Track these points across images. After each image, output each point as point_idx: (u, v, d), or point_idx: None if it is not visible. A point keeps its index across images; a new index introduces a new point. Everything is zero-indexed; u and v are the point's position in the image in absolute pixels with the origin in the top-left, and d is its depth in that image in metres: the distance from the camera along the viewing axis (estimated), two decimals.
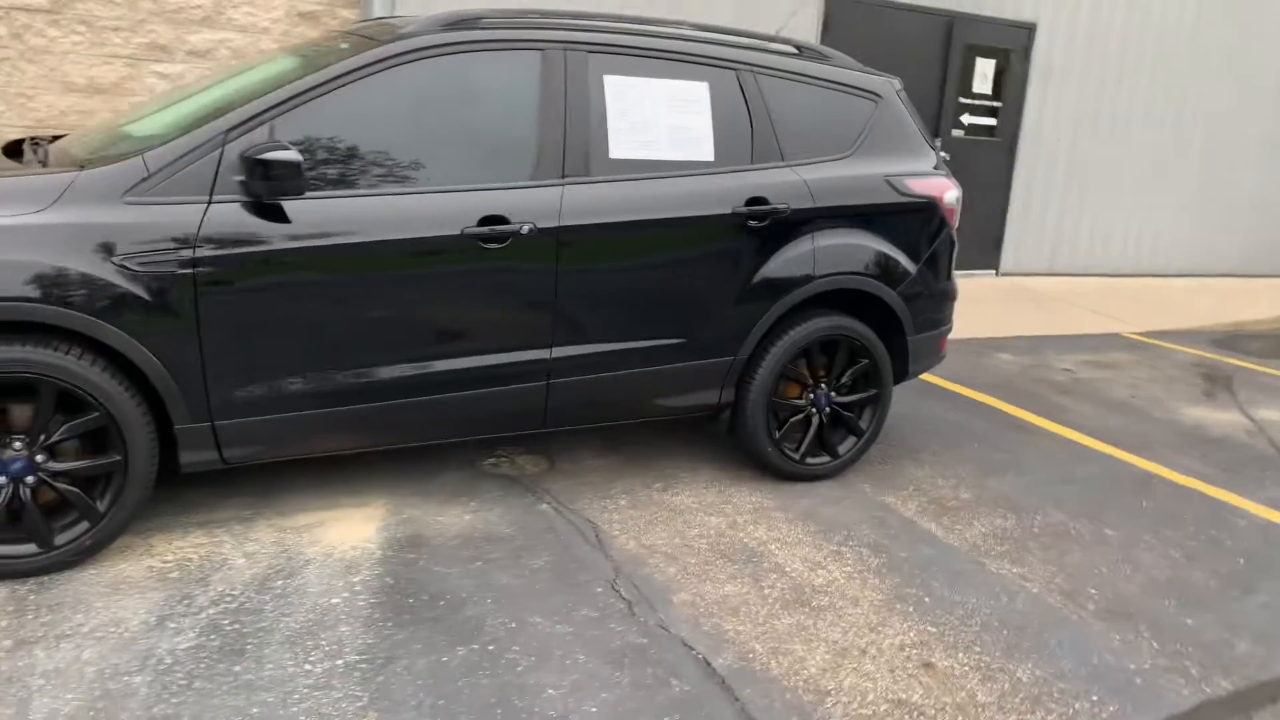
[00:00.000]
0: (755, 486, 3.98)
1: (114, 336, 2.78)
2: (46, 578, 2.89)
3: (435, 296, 3.22)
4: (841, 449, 4.11)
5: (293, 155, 2.83)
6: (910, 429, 4.86)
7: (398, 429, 3.34)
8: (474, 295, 3.27)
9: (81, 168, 2.87)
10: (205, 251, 2.87)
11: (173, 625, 2.71)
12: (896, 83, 4.19)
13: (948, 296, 4.29)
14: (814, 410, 4.01)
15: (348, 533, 3.31)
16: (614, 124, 3.48)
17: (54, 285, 2.70)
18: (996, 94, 9.22)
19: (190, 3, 5.93)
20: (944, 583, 3.33)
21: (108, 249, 2.77)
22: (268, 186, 2.87)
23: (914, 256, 4.06)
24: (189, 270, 2.86)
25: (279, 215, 2.97)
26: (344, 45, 3.36)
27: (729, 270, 3.68)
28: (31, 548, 2.86)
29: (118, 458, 2.89)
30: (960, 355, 6.49)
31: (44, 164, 3.06)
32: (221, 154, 2.92)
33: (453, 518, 3.49)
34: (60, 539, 2.89)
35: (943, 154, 4.31)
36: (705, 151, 3.65)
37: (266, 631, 2.71)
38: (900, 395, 5.35)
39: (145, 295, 2.81)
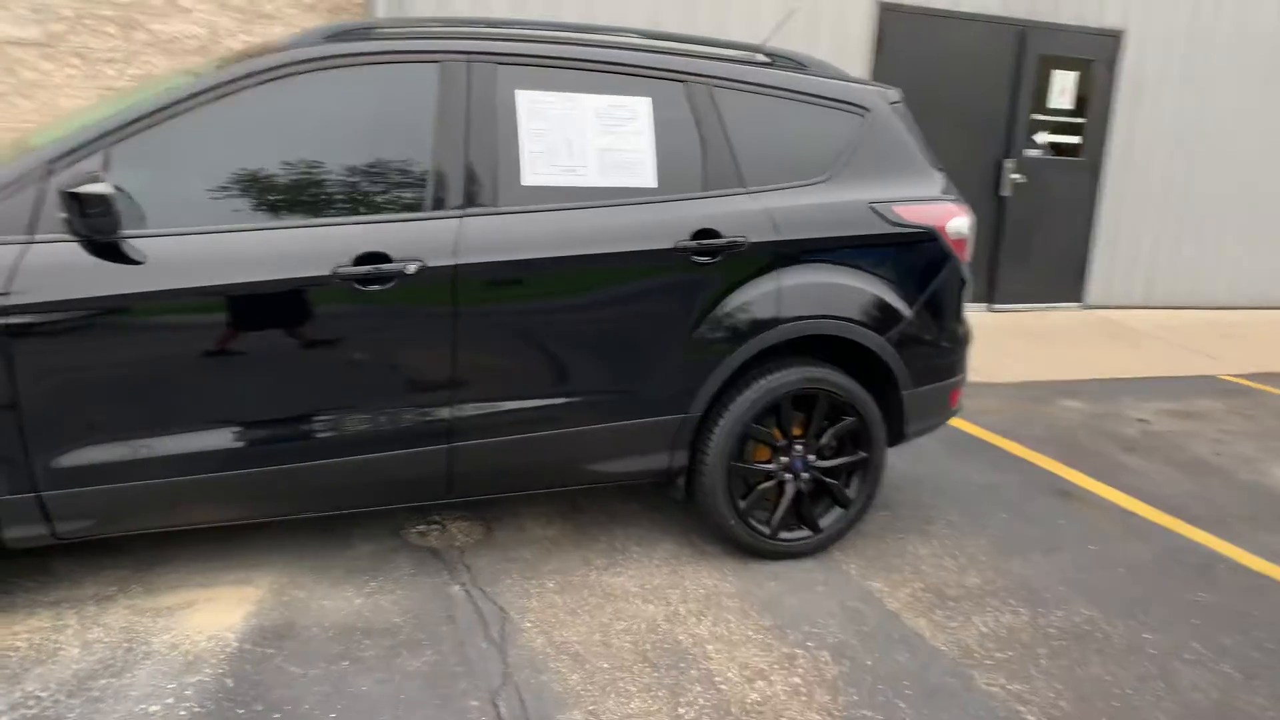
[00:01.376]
0: (717, 566, 3.40)
1: None
2: None
3: (303, 347, 2.78)
4: (824, 522, 3.49)
5: (103, 188, 2.44)
6: (927, 493, 4.18)
7: (266, 500, 2.90)
8: (352, 345, 2.82)
9: None
10: (19, 299, 2.50)
11: None
12: (892, 94, 3.57)
13: (956, 341, 3.63)
14: (788, 477, 3.41)
15: (211, 619, 2.88)
16: (528, 146, 2.99)
17: None
18: (1079, 109, 8.37)
19: (186, 32, 5.74)
20: (913, 703, 2.68)
21: None
22: (84, 224, 2.49)
23: (908, 296, 3.43)
24: (1, 320, 2.49)
25: (114, 255, 2.59)
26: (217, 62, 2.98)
27: (673, 314, 3.13)
28: None
29: None
30: (1015, 401, 5.73)
31: None
32: (45, 187, 2.56)
33: (341, 601, 3.02)
34: None
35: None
36: (644, 177, 3.12)
37: None
38: (924, 450, 4.67)
39: None
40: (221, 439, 2.75)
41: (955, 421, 5.21)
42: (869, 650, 2.93)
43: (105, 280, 2.57)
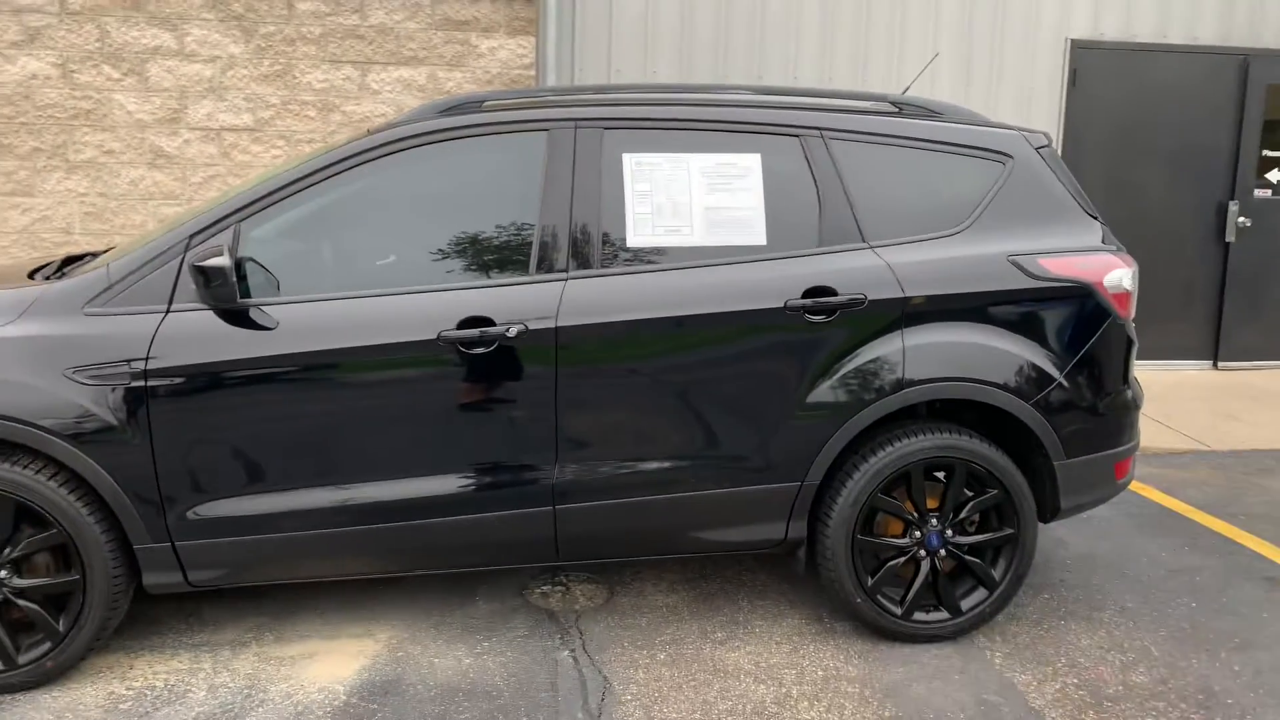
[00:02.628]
0: (843, 646, 3.17)
1: (63, 451, 2.69)
2: (8, 699, 2.81)
3: (410, 409, 2.86)
4: (965, 604, 3.19)
5: (221, 262, 2.63)
6: (1101, 574, 3.74)
7: (382, 556, 2.99)
8: (458, 407, 2.87)
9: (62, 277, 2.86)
10: (157, 363, 2.73)
11: None
12: (1038, 137, 3.29)
13: (1121, 407, 3.25)
14: (922, 554, 3.14)
15: (327, 670, 2.98)
16: (634, 207, 2.97)
17: (4, 399, 2.66)
18: None
19: (375, 112, 6.20)
20: None
21: (61, 362, 2.70)
22: (209, 294, 2.69)
23: (1058, 357, 3.11)
24: (140, 383, 2.72)
25: (244, 322, 2.78)
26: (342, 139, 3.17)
27: (785, 376, 2.99)
28: None
29: (76, 577, 2.78)
30: (1230, 472, 5.08)
31: (57, 276, 3.09)
32: (183, 260, 2.79)
33: (452, 660, 3.05)
34: (24, 658, 2.81)
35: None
36: (753, 235, 3.02)
37: None
38: (1108, 525, 4.20)
39: (96, 409, 2.70)
40: (338, 496, 2.87)
41: (1150, 493, 4.67)
42: None
43: (233, 345, 2.76)
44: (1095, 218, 3.26)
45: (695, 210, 3.00)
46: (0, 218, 5.89)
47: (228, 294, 2.67)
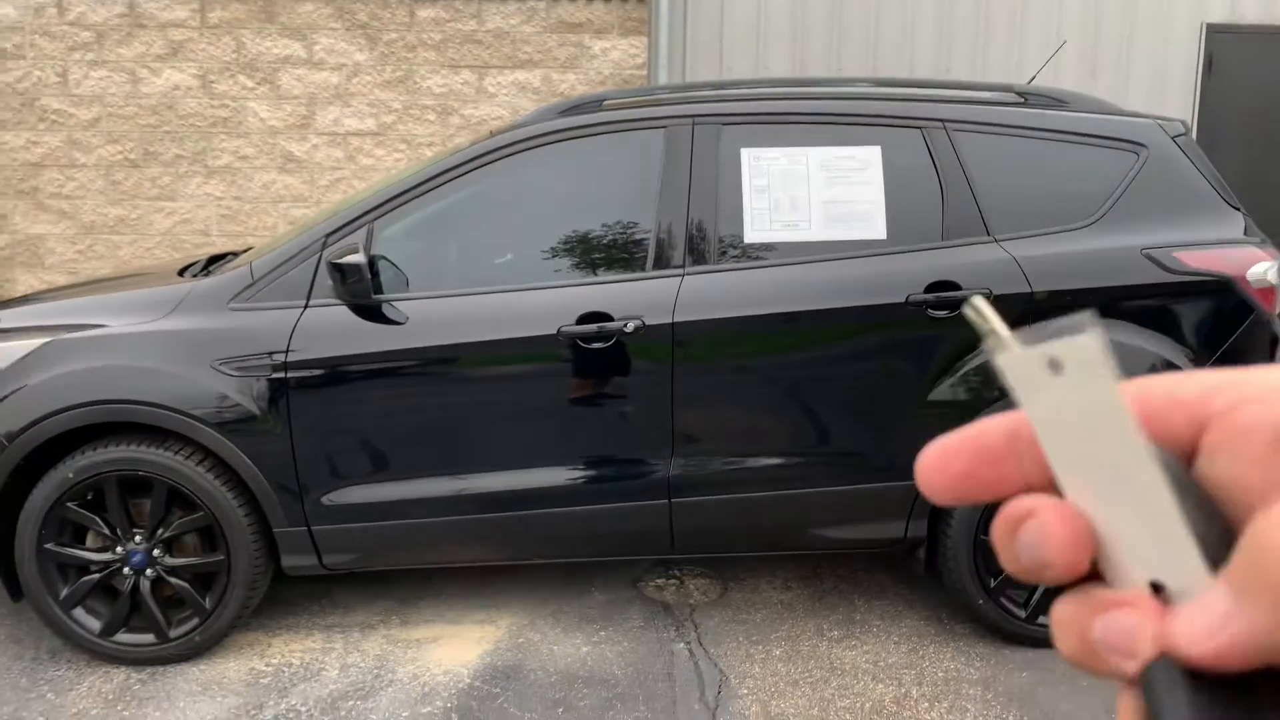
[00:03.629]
0: (964, 649, 3.11)
1: (209, 438, 2.86)
2: (161, 669, 3.00)
3: (531, 402, 2.94)
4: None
5: (356, 259, 2.75)
6: None
7: (502, 544, 3.08)
8: (575, 401, 2.93)
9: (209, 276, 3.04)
10: (296, 356, 2.87)
11: None
12: (1175, 125, 3.16)
13: None
14: None
15: (451, 654, 3.08)
16: (751, 202, 2.98)
17: (159, 388, 2.84)
18: None
19: (491, 114, 6.36)
20: None
21: (210, 354, 2.87)
22: (345, 290, 2.81)
23: (1196, 356, 2.98)
24: (280, 374, 2.86)
25: (377, 317, 2.90)
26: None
27: (906, 373, 2.95)
28: (150, 638, 2.98)
29: (221, 557, 2.95)
30: None
31: (204, 274, 3.29)
32: (320, 258, 2.93)
33: (570, 648, 3.11)
34: (175, 632, 2.99)
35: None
36: (873, 229, 2.99)
37: None
38: None
39: (241, 398, 2.86)
40: (461, 485, 2.96)
41: None
42: None
43: (366, 339, 2.88)
44: (1237, 209, 3.11)
45: (813, 204, 2.99)
46: (146, 221, 6.27)
47: (362, 290, 2.79)
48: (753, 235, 2.97)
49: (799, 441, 2.98)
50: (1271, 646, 0.27)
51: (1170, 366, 2.96)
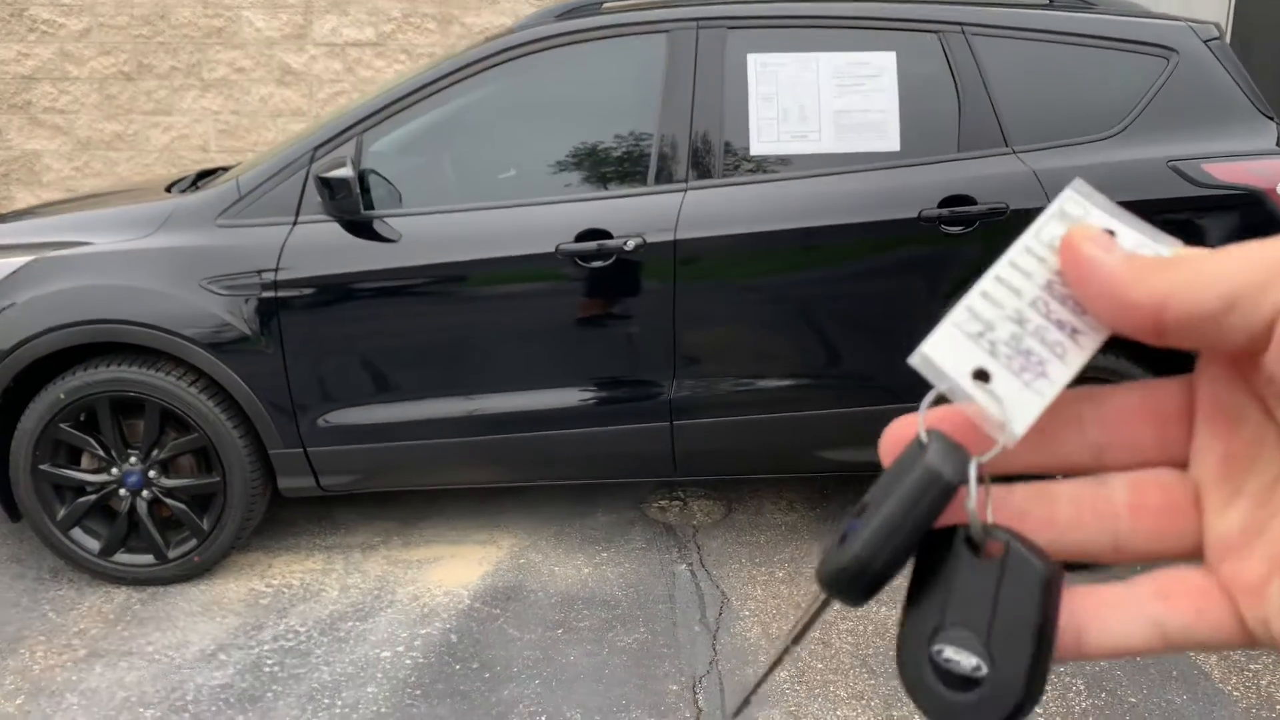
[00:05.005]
0: None
1: (200, 359, 2.80)
2: (162, 589, 3.00)
3: (529, 322, 2.86)
4: None
5: (344, 173, 2.64)
6: None
7: (502, 466, 3.03)
8: (575, 321, 2.85)
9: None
10: (286, 274, 2.78)
11: (222, 658, 2.65)
12: (1208, 29, 2.98)
13: None
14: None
15: (452, 574, 3.06)
16: (758, 112, 2.84)
17: (148, 308, 2.77)
18: None
19: (494, 23, 6.13)
20: None
21: (197, 272, 2.79)
22: (334, 205, 2.71)
23: None
24: (270, 294, 2.78)
25: (368, 234, 2.80)
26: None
27: (918, 292, 2.85)
28: (149, 558, 2.97)
29: (217, 478, 2.91)
30: None
31: (192, 190, 3.18)
32: (307, 173, 2.82)
33: (571, 569, 3.09)
34: (174, 553, 2.98)
35: None
36: (886, 140, 2.85)
37: (297, 680, 2.55)
38: None
39: (231, 318, 2.78)
40: (459, 406, 2.90)
41: None
42: (1137, 686, 2.50)
43: (358, 256, 2.79)
44: (1271, 118, 2.95)
45: (824, 114, 2.85)
46: (144, 137, 6.13)
47: (351, 205, 2.69)
48: (760, 147, 2.84)
49: (804, 363, 2.90)
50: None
51: None
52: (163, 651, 2.67)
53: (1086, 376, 0.33)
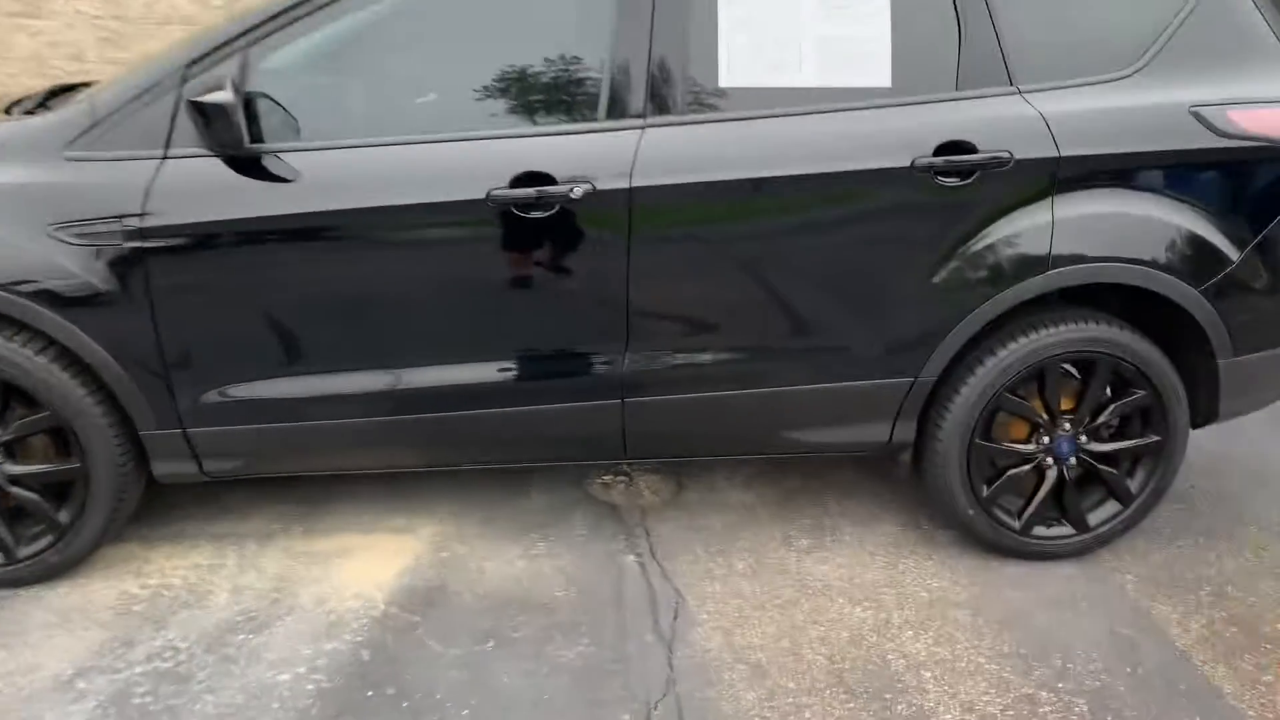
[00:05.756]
0: (948, 562, 2.77)
1: (49, 323, 2.29)
2: (10, 594, 2.52)
3: (455, 283, 2.41)
4: (1093, 519, 2.75)
5: (222, 97, 2.13)
6: (1242, 482, 3.27)
7: (423, 449, 2.61)
8: (511, 282, 2.41)
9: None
10: (155, 220, 2.27)
11: (81, 685, 2.20)
12: None
13: None
14: (1049, 462, 2.69)
15: (363, 571, 2.64)
16: (728, 39, 2.39)
17: None
18: None
19: None
20: None
21: (43, 216, 2.26)
22: (211, 137, 2.20)
23: (1239, 234, 2.55)
24: (136, 244, 2.27)
25: (251, 172, 2.30)
26: None
27: (906, 252, 2.48)
28: None
29: (76, 464, 2.43)
30: None
31: (40, 111, 2.61)
32: (179, 95, 2.29)
33: (503, 564, 2.70)
34: (24, 550, 2.50)
35: None
36: (876, 74, 2.44)
37: (173, 714, 2.12)
38: (1241, 424, 3.69)
39: (86, 274, 2.27)
40: (371, 381, 2.46)
41: None
42: (1143, 706, 2.23)
43: (244, 200, 2.29)
44: None
45: (805, 43, 2.41)
46: (6, 42, 5.36)
47: (232, 137, 2.18)
48: (730, 79, 2.40)
49: (777, 332, 2.52)
50: None
51: (1210, 248, 2.52)
52: (6, 678, 2.21)
53: None
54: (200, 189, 2.28)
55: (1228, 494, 3.19)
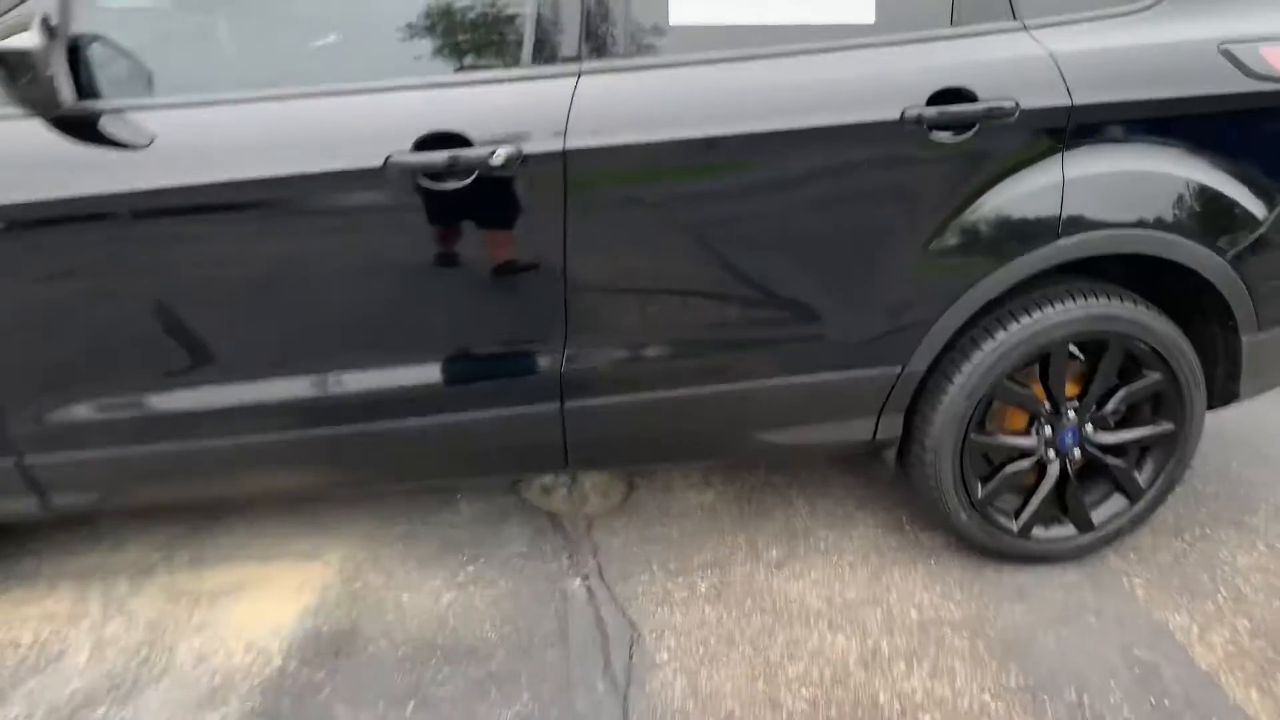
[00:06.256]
0: (937, 572, 2.44)
1: None
2: None
3: (351, 272, 1.95)
4: (1098, 517, 2.44)
5: (27, 42, 1.63)
6: (1240, 457, 2.99)
7: (321, 471, 2.17)
8: (417, 269, 1.96)
9: None
10: None
11: None
12: None
13: None
14: (1052, 455, 2.36)
15: (258, 613, 2.22)
16: None
17: None
18: None
19: None
20: None
21: None
22: (17, 93, 1.71)
23: (1268, 191, 2.20)
24: None
25: (85, 136, 1.81)
26: None
27: (892, 222, 2.08)
28: None
29: None
30: None
31: None
32: None
33: (425, 598, 2.30)
34: None
35: None
36: (856, 8, 2.02)
37: None
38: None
39: None
40: (247, 393, 2.00)
41: None
42: None
43: (74, 173, 1.81)
44: None
45: None
46: None
47: (42, 94, 1.68)
48: (683, 13, 1.96)
49: (742, 319, 2.12)
50: None
51: (1237, 209, 2.18)
52: None
53: None
54: (17, 158, 1.79)
55: (1228, 473, 2.91)
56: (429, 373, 2.05)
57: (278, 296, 1.95)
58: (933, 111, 2.00)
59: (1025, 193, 2.08)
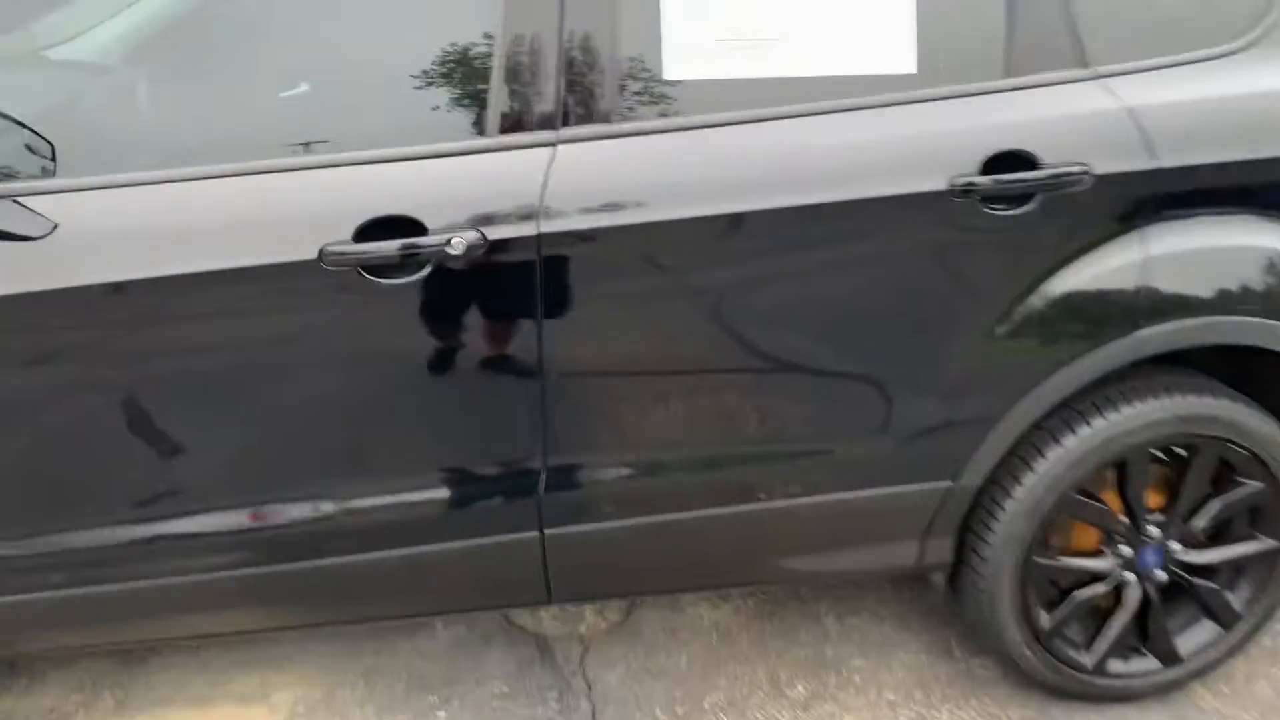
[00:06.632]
0: (994, 711, 2.06)
1: None
2: None
3: (282, 381, 1.62)
4: (1185, 646, 2.05)
5: None
6: None
7: (266, 610, 1.83)
8: (358, 376, 1.63)
9: None
10: None
11: None
12: None
13: None
14: (1130, 577, 1.98)
15: None
16: (678, 7, 1.62)
17: None
18: None
19: None
20: None
21: None
22: None
23: None
24: None
25: None
26: None
27: (940, 311, 1.73)
28: None
29: None
30: None
31: None
32: None
33: None
34: None
35: None
36: (895, 58, 1.68)
37: None
38: None
39: None
40: (165, 528, 1.67)
41: None
42: None
43: None
44: None
45: (790, 13, 1.65)
46: None
47: None
48: (679, 68, 1.62)
49: (756, 429, 1.77)
50: None
51: None
52: None
53: None
54: None
55: None
56: (384, 499, 1.71)
57: (201, 414, 1.62)
58: (986, 180, 1.65)
59: (1102, 275, 1.72)
